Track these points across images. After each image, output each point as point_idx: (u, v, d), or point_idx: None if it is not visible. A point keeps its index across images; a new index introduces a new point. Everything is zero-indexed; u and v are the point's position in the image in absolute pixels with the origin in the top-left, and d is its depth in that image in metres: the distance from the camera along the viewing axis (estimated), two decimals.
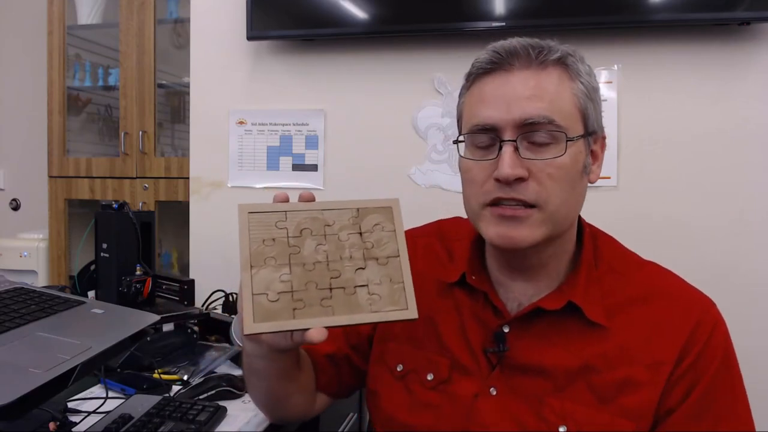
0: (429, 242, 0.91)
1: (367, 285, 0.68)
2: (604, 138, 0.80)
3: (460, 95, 0.81)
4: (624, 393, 0.71)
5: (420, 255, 0.90)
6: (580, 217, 0.82)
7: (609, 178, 1.48)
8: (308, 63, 1.66)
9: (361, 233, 0.71)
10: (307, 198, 0.73)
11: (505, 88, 0.72)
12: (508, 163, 0.69)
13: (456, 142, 0.78)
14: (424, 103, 1.59)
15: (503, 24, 1.46)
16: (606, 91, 1.49)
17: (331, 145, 1.66)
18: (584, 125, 0.74)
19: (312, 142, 1.67)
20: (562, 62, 0.73)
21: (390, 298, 0.68)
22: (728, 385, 0.72)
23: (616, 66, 1.48)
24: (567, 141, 0.70)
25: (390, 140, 1.61)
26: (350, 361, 0.92)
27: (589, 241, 0.80)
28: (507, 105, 0.71)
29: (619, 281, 0.77)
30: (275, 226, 0.69)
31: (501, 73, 0.73)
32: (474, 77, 0.76)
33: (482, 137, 0.73)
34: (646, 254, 0.83)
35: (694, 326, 0.72)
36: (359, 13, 1.56)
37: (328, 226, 0.70)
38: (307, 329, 0.65)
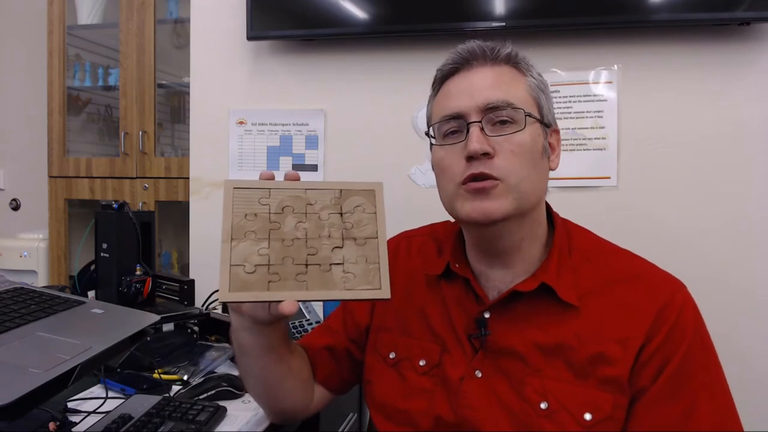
0: (424, 241, 0.96)
1: (342, 263, 0.71)
2: (557, 131, 0.87)
3: (429, 102, 0.89)
4: (598, 367, 0.74)
5: (415, 253, 0.95)
6: (550, 208, 0.88)
7: (609, 178, 1.49)
8: (308, 63, 1.66)
9: (341, 213, 0.74)
10: (292, 177, 0.77)
11: (467, 82, 0.81)
12: (475, 139, 0.76)
13: (427, 134, 0.86)
14: (424, 103, 1.58)
15: (503, 24, 1.46)
16: (606, 91, 1.49)
17: (331, 145, 1.66)
18: (539, 113, 0.82)
19: (312, 142, 1.67)
20: (513, 60, 0.83)
21: (364, 277, 0.70)
22: (702, 364, 0.74)
23: (616, 66, 1.48)
24: (526, 116, 0.78)
25: (390, 140, 1.61)
26: (350, 354, 0.95)
27: (561, 230, 0.85)
28: (470, 94, 0.80)
29: (592, 269, 0.81)
30: (258, 202, 0.72)
31: (463, 72, 0.83)
32: (440, 81, 0.86)
33: (451, 124, 0.81)
34: (645, 254, 0.83)
35: (661, 306, 0.75)
36: (359, 13, 1.56)
37: (310, 205, 0.73)
38: (280, 301, 0.68)
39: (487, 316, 0.81)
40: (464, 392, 0.80)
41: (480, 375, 0.80)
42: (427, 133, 0.86)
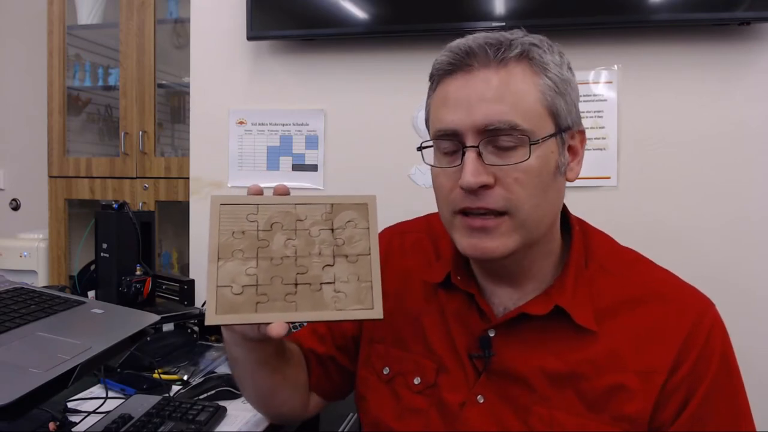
0: (418, 238, 0.89)
1: (333, 282, 0.68)
2: (582, 132, 0.75)
3: (428, 96, 0.78)
4: (614, 400, 0.68)
5: (408, 251, 0.88)
6: (568, 213, 0.80)
7: (609, 178, 1.48)
8: (308, 63, 1.66)
9: (332, 229, 0.70)
10: (282, 191, 0.72)
11: (466, 89, 0.68)
12: (470, 170, 0.66)
13: (420, 148, 0.75)
14: (424, 104, 1.58)
15: (503, 24, 1.46)
16: (606, 91, 1.49)
17: (331, 145, 1.66)
18: (555, 123, 0.70)
19: (312, 142, 1.67)
20: (525, 56, 0.69)
21: (356, 296, 0.68)
22: (728, 393, 0.69)
23: (616, 66, 1.48)
24: (531, 145, 0.67)
25: (390, 140, 1.61)
26: (336, 362, 0.90)
27: (579, 239, 0.77)
28: (468, 108, 0.67)
29: (611, 282, 0.74)
30: (246, 219, 0.70)
31: (462, 74, 0.69)
32: (437, 78, 0.73)
33: (446, 143, 0.71)
34: (646, 255, 0.82)
35: (688, 331, 0.69)
36: (359, 13, 1.56)
37: (300, 221, 0.70)
38: (268, 323, 0.66)
39: (492, 334, 0.74)
40: (466, 420, 0.73)
41: (482, 401, 0.73)
42: (419, 148, 0.75)
